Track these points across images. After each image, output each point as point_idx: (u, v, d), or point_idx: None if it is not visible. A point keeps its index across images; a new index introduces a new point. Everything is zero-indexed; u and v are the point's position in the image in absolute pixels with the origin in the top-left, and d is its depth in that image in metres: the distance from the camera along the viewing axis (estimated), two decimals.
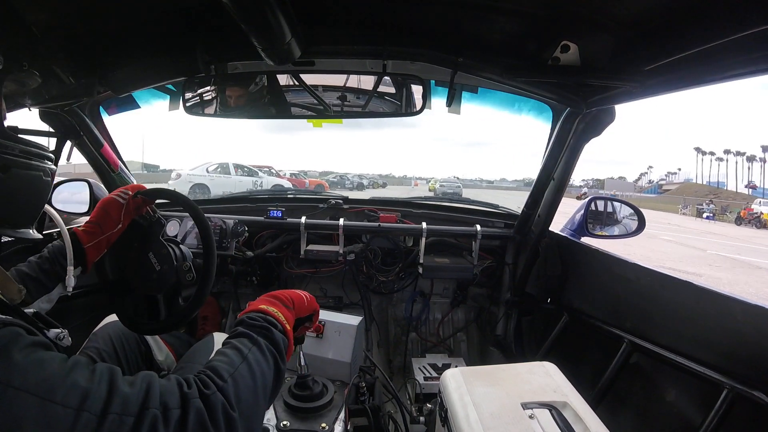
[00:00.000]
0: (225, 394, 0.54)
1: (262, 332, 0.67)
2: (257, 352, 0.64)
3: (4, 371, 0.43)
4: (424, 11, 1.03)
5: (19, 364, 0.45)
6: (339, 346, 1.17)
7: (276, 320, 0.71)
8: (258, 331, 0.67)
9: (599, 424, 0.90)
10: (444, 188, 18.62)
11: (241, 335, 0.66)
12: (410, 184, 36.41)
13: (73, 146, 1.40)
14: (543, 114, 1.51)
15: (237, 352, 0.62)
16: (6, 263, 0.75)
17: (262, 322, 0.69)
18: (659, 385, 1.24)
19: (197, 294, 1.18)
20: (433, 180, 26.01)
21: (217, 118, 1.41)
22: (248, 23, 0.82)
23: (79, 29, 1.01)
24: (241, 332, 0.67)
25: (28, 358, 0.46)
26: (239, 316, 0.73)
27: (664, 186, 67.55)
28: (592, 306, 1.53)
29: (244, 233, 1.75)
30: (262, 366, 0.63)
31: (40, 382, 0.44)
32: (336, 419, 1.02)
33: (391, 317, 2.12)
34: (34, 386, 0.43)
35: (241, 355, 0.62)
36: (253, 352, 0.63)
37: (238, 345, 0.64)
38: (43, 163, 0.72)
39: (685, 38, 0.82)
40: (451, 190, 17.77)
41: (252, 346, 0.64)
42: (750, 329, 0.97)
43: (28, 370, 0.45)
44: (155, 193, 1.17)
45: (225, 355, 0.62)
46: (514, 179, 49.91)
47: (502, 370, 1.09)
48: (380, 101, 1.37)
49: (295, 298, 0.82)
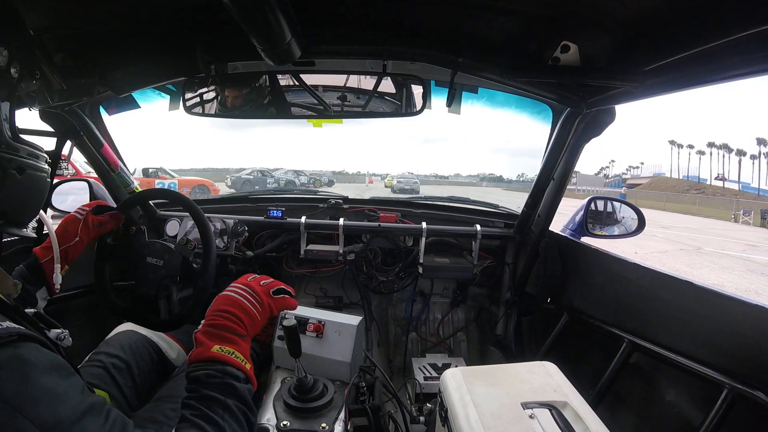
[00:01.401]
0: None
1: (229, 391, 0.61)
2: (231, 421, 0.59)
3: (18, 395, 0.42)
4: (424, 11, 1.03)
5: (35, 390, 0.43)
6: (339, 346, 1.17)
7: (236, 368, 0.63)
8: (223, 391, 0.60)
9: (599, 423, 0.90)
10: (401, 184, 18.24)
11: (207, 399, 0.59)
12: (364, 182, 32.74)
13: (73, 146, 1.40)
14: (543, 114, 1.51)
15: (214, 427, 0.57)
16: (6, 264, 0.75)
17: (223, 378, 0.61)
18: (659, 385, 1.24)
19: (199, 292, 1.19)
20: (390, 176, 24.91)
21: (218, 118, 1.41)
22: (248, 23, 0.82)
23: (79, 29, 1.01)
24: (206, 396, 0.60)
25: (45, 385, 0.44)
26: (189, 360, 0.65)
27: (628, 180, 63.06)
28: (592, 306, 1.53)
29: (244, 233, 1.75)
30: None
31: (50, 419, 0.43)
32: (336, 419, 1.02)
33: (391, 317, 2.12)
34: (42, 421, 0.42)
35: (219, 430, 0.57)
36: (228, 422, 0.59)
37: (211, 416, 0.58)
38: (45, 165, 0.74)
39: (686, 38, 0.82)
40: (408, 186, 17.49)
41: (224, 414, 0.59)
42: (750, 329, 0.97)
43: (40, 401, 0.43)
44: (156, 193, 1.18)
45: (203, 430, 0.56)
46: (469, 174, 49.36)
47: (502, 370, 1.09)
48: (380, 101, 1.37)
49: (244, 311, 0.72)
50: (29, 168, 0.68)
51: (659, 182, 52.23)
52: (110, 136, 1.57)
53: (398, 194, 14.32)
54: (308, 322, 1.19)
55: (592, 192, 26.59)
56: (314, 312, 1.25)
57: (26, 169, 0.67)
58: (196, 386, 0.61)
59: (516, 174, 50.92)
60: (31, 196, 0.71)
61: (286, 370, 1.22)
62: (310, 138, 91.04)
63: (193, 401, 0.59)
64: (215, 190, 13.42)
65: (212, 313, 0.71)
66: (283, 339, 1.17)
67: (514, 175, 48.40)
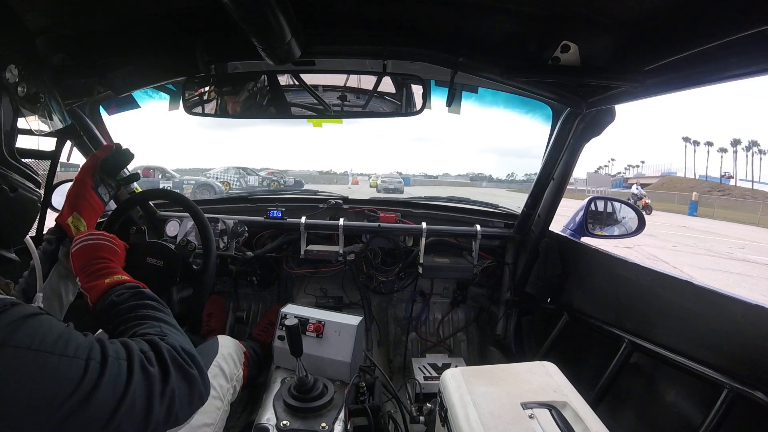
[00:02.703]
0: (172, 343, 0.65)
1: (143, 295, 0.75)
2: (160, 313, 0.73)
3: (27, 338, 0.49)
4: (424, 11, 1.03)
5: (53, 335, 0.51)
6: (339, 346, 1.17)
7: (132, 283, 0.79)
8: (140, 297, 0.74)
9: (599, 424, 0.90)
10: (386, 184, 18.67)
11: (133, 309, 0.72)
12: (348, 182, 30.55)
13: (73, 146, 1.40)
14: (543, 114, 1.51)
15: (154, 321, 0.70)
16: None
17: (130, 290, 0.75)
18: (659, 385, 1.24)
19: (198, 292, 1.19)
20: (374, 176, 24.92)
21: (218, 118, 1.41)
22: (248, 23, 0.82)
23: (79, 29, 1.01)
24: (129, 307, 0.72)
25: (58, 328, 0.53)
26: (92, 302, 0.76)
27: (630, 180, 58.43)
28: (592, 306, 1.53)
29: (244, 233, 1.75)
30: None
31: (57, 340, 0.51)
32: (336, 419, 1.02)
33: (391, 317, 2.12)
34: (51, 345, 0.50)
35: (161, 322, 0.70)
36: (161, 312, 0.73)
37: (148, 314, 0.71)
38: (38, 189, 0.74)
39: (686, 38, 0.82)
40: (393, 186, 18.10)
41: (154, 311, 0.72)
42: (750, 329, 0.97)
43: (59, 340, 0.51)
44: (155, 193, 1.18)
45: (152, 326, 0.69)
46: (458, 174, 49.10)
47: (502, 370, 1.09)
48: (380, 101, 1.37)
49: (109, 251, 0.87)
50: (21, 188, 0.68)
51: (672, 182, 46.42)
52: (110, 136, 1.57)
53: (382, 194, 14.50)
54: (308, 322, 1.20)
55: (600, 193, 25.22)
56: (314, 312, 1.26)
57: (18, 189, 0.67)
58: (115, 308, 0.72)
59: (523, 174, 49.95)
60: (20, 217, 0.71)
61: (286, 370, 1.22)
62: (302, 137, 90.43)
63: (123, 315, 0.71)
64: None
65: (86, 263, 0.82)
66: (283, 339, 1.17)
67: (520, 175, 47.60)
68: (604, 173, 76.63)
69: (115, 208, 1.41)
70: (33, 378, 0.47)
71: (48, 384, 0.48)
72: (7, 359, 0.47)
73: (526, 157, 27.13)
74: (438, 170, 76.89)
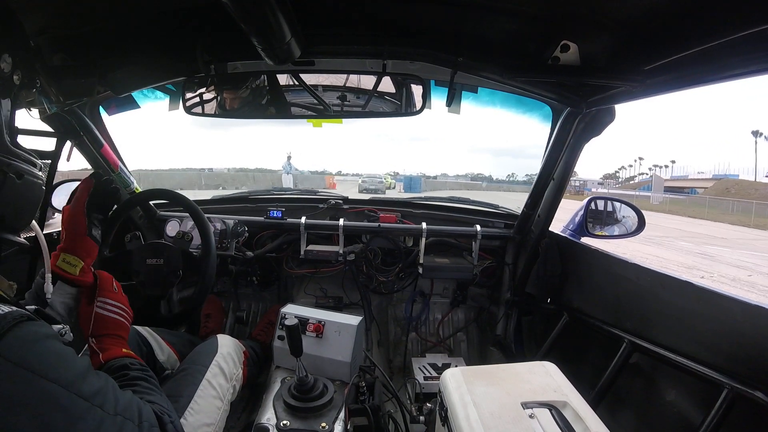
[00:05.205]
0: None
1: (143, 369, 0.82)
2: (153, 386, 0.79)
3: (40, 363, 0.50)
4: (424, 11, 1.03)
5: (51, 357, 0.52)
6: (339, 346, 1.17)
7: (135, 360, 0.84)
8: (143, 370, 0.81)
9: (599, 423, 0.90)
10: (366, 184, 19.11)
11: (136, 379, 0.78)
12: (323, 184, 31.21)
13: (73, 146, 1.40)
14: (543, 114, 1.51)
15: (148, 388, 0.76)
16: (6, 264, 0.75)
17: (136, 364, 0.82)
18: (659, 385, 1.24)
19: (199, 292, 1.19)
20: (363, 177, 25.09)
21: (217, 118, 1.41)
22: (248, 23, 0.82)
23: (79, 29, 1.01)
24: (134, 376, 0.79)
25: (57, 350, 0.54)
26: (107, 358, 0.82)
27: (666, 182, 49.79)
28: (592, 306, 1.53)
29: (244, 233, 1.75)
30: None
31: (68, 377, 0.52)
32: (336, 419, 1.02)
33: (391, 317, 2.12)
34: (64, 379, 0.51)
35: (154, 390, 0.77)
36: (153, 385, 0.79)
37: (146, 385, 0.77)
38: (40, 173, 0.75)
39: (685, 38, 0.82)
40: (373, 186, 18.60)
41: (147, 384, 0.78)
42: (750, 329, 0.96)
43: (58, 364, 0.52)
44: (155, 193, 1.18)
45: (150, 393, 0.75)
46: (456, 174, 48.77)
47: (502, 370, 1.09)
48: (380, 101, 1.37)
49: (121, 328, 0.91)
50: (27, 174, 0.69)
51: (741, 186, 33.50)
52: (110, 137, 1.57)
53: (362, 194, 14.75)
54: (308, 322, 1.20)
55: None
56: (314, 312, 1.26)
57: (24, 175, 0.69)
58: (125, 371, 0.80)
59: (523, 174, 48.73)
60: (27, 202, 0.73)
61: (286, 370, 1.22)
62: (300, 137, 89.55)
63: (129, 380, 0.77)
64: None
65: (102, 334, 0.87)
66: (283, 339, 1.17)
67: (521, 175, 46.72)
68: (626, 177, 69.48)
69: (115, 208, 1.41)
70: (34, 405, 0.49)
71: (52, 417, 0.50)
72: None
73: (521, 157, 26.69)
74: (436, 170, 76.58)
